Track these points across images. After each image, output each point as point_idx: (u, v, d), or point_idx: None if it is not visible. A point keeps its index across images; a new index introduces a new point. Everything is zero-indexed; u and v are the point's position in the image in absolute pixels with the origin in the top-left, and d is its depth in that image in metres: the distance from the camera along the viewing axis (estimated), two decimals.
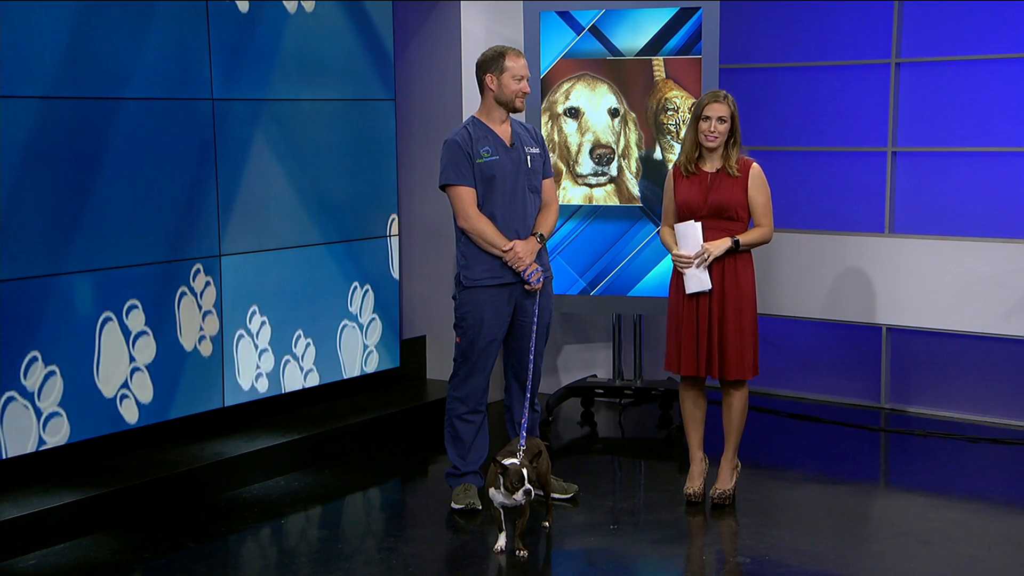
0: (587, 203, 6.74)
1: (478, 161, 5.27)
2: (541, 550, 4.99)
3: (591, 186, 6.74)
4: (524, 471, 4.76)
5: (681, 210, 5.38)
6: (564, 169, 6.73)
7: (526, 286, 5.33)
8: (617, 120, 6.70)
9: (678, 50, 6.60)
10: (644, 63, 6.65)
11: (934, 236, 6.91)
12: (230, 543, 5.17)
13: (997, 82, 6.74)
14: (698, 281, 5.30)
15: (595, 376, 7.41)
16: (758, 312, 5.46)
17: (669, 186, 5.47)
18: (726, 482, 5.48)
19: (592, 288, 6.74)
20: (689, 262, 5.29)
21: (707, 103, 5.29)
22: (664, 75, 6.64)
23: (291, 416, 6.39)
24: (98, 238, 5.36)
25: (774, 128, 7.38)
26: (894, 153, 7.03)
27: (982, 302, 6.74)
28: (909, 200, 7.03)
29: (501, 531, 4.89)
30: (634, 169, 6.71)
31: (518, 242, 5.30)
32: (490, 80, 5.31)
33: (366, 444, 6.40)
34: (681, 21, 6.58)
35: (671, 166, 5.54)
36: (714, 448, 5.58)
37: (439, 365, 7.20)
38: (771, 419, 6.95)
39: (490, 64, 5.31)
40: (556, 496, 5.44)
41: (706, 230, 5.30)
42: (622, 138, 6.71)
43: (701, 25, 6.54)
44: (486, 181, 5.28)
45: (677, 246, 5.35)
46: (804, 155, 7.34)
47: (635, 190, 6.70)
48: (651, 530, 5.19)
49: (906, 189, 7.04)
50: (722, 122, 5.28)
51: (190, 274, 5.77)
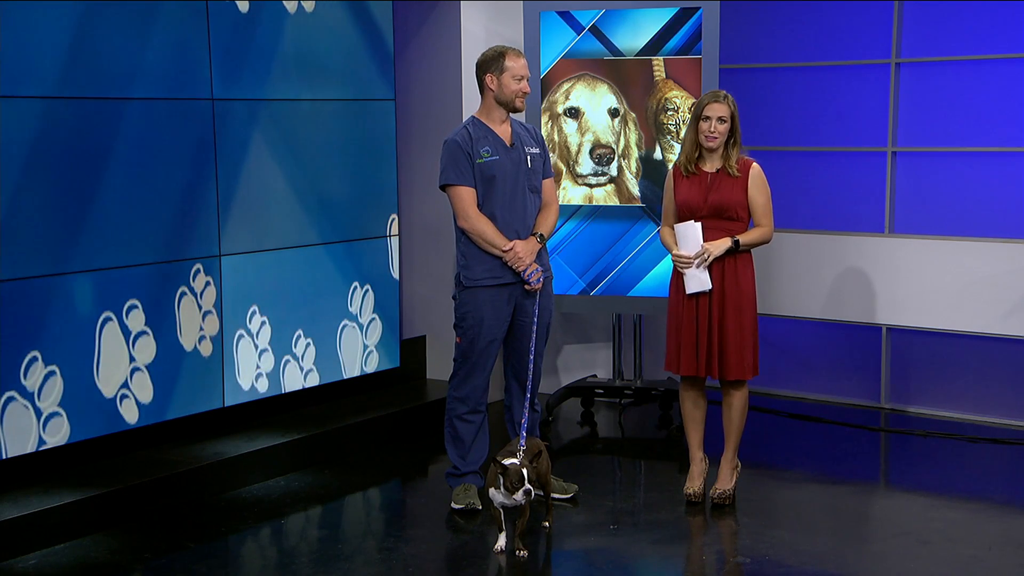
0: (587, 203, 6.74)
1: (478, 161, 5.27)
2: (541, 550, 4.99)
3: (591, 186, 6.74)
4: (524, 471, 4.76)
5: (681, 210, 5.38)
6: (564, 169, 6.73)
7: (526, 286, 5.33)
8: (617, 120, 6.70)
9: (678, 50, 6.60)
10: (644, 63, 6.65)
11: (934, 236, 6.91)
12: (230, 543, 5.17)
13: (997, 82, 6.74)
14: (698, 281, 5.30)
15: (595, 376, 7.41)
16: (758, 312, 5.46)
17: (669, 186, 5.47)
18: (726, 482, 5.48)
19: (592, 288, 6.74)
20: (689, 262, 5.29)
21: (707, 103, 5.29)
22: (664, 75, 6.63)
23: (291, 416, 6.39)
24: (98, 238, 5.36)
25: (774, 128, 7.37)
26: (894, 153, 7.03)
27: (982, 302, 6.74)
28: (909, 200, 7.03)
29: (501, 531, 4.89)
30: (634, 169, 6.71)
31: (518, 242, 5.29)
32: (490, 80, 5.30)
33: (366, 444, 6.40)
34: (681, 21, 6.58)
35: (671, 166, 5.54)
36: (714, 448, 5.58)
37: (439, 365, 7.20)
38: (771, 419, 6.95)
39: (490, 64, 5.31)
40: (556, 496, 5.44)
41: (706, 230, 5.30)
42: (622, 138, 6.70)
43: (701, 25, 6.54)
44: (486, 181, 5.28)
45: (677, 246, 5.35)
46: (804, 155, 7.34)
47: (635, 190, 6.70)
48: (651, 530, 5.19)
49: (906, 189, 7.04)
50: (722, 122, 5.28)
51: (190, 274, 5.76)
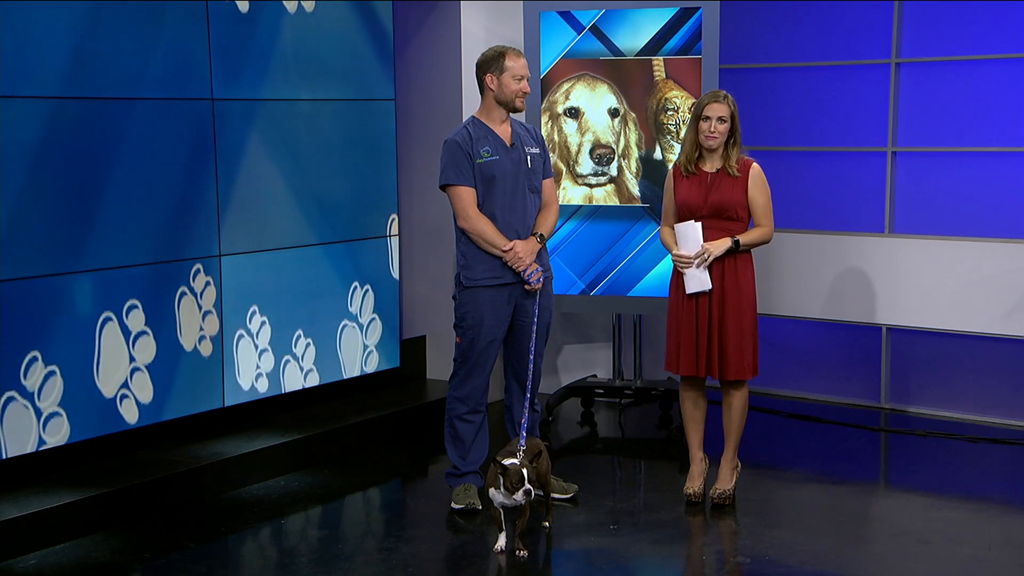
0: (587, 203, 6.74)
1: (478, 161, 5.27)
2: (541, 550, 4.99)
3: (591, 186, 6.74)
4: (524, 471, 4.75)
5: (681, 210, 5.37)
6: (564, 169, 6.73)
7: (526, 286, 5.32)
8: (617, 120, 6.70)
9: (678, 50, 6.60)
10: (644, 63, 6.65)
11: (934, 236, 6.91)
12: (230, 543, 5.17)
13: (997, 82, 6.73)
14: (698, 281, 5.30)
15: (595, 376, 7.41)
16: (758, 312, 5.46)
17: (669, 186, 5.47)
18: (726, 482, 5.48)
19: (592, 288, 6.74)
20: (689, 262, 5.29)
21: (707, 103, 5.29)
22: (664, 75, 6.63)
23: (291, 416, 6.39)
24: (98, 238, 5.36)
25: (774, 128, 7.37)
26: (894, 153, 7.03)
27: (982, 302, 6.74)
28: (909, 200, 7.03)
29: (501, 531, 4.89)
30: (634, 169, 6.71)
31: (518, 242, 5.29)
32: (490, 80, 5.30)
33: (366, 444, 6.40)
34: (681, 21, 6.58)
35: (671, 166, 5.54)
36: (714, 448, 5.57)
37: (439, 365, 7.20)
38: (771, 419, 6.95)
39: (490, 64, 5.31)
40: (556, 496, 5.44)
41: (706, 230, 5.30)
42: (622, 138, 6.70)
43: (701, 25, 6.54)
44: (486, 181, 5.28)
45: (677, 246, 5.35)
46: (804, 155, 7.34)
47: (635, 190, 6.70)
48: (651, 530, 5.19)
49: (906, 189, 7.04)
50: (722, 122, 5.27)
51: (190, 274, 5.76)
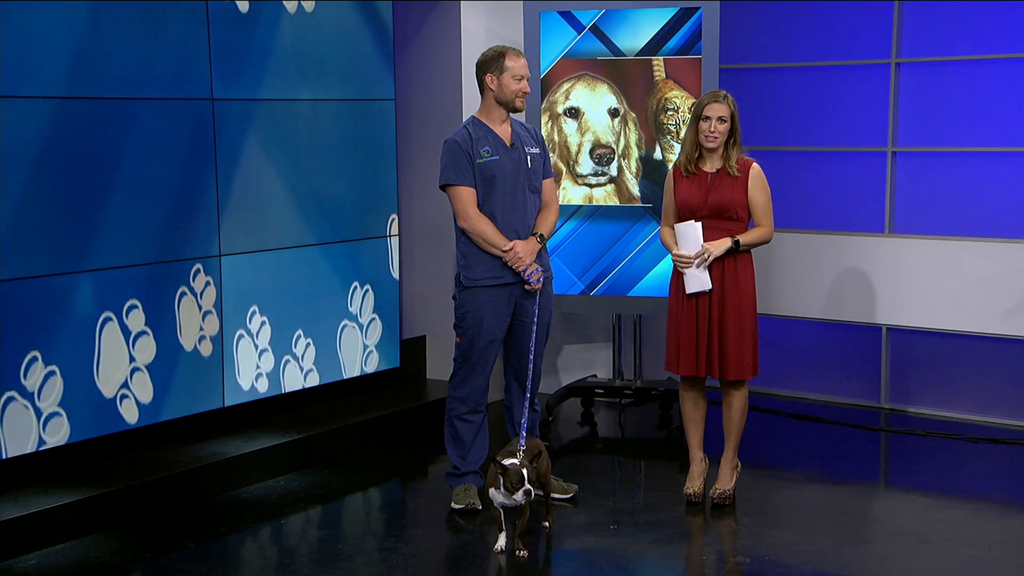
0: (587, 203, 6.74)
1: (478, 161, 5.27)
2: (541, 550, 4.99)
3: (591, 186, 6.74)
4: (524, 471, 4.75)
5: (681, 210, 5.37)
6: (564, 169, 6.73)
7: (526, 286, 5.32)
8: (617, 120, 6.70)
9: (678, 50, 6.60)
10: (644, 63, 6.65)
11: (934, 236, 6.91)
12: (230, 543, 5.17)
13: (997, 82, 6.73)
14: (698, 281, 5.30)
15: (595, 376, 7.41)
16: (758, 312, 5.46)
17: (669, 186, 5.47)
18: (726, 482, 5.48)
19: (592, 288, 6.74)
20: (689, 262, 5.29)
21: (707, 103, 5.29)
22: (664, 75, 6.63)
23: (291, 416, 6.39)
24: (98, 238, 5.36)
25: (774, 128, 7.37)
26: (894, 153, 7.03)
27: (982, 302, 6.74)
28: (909, 200, 7.03)
29: (501, 531, 4.89)
30: (634, 169, 6.71)
31: (518, 242, 5.29)
32: (490, 80, 5.30)
33: (366, 444, 6.40)
34: (681, 21, 6.58)
35: (671, 166, 5.54)
36: (714, 448, 5.57)
37: (439, 365, 7.20)
38: (771, 419, 6.95)
39: (490, 64, 5.31)
40: (556, 496, 5.44)
41: (706, 230, 5.30)
42: (622, 138, 6.70)
43: (701, 25, 6.54)
44: (486, 181, 5.28)
45: (677, 246, 5.35)
46: (804, 155, 7.34)
47: (635, 190, 6.70)
48: (651, 530, 5.19)
49: (906, 189, 7.04)
50: (722, 122, 5.27)
51: (190, 274, 5.76)
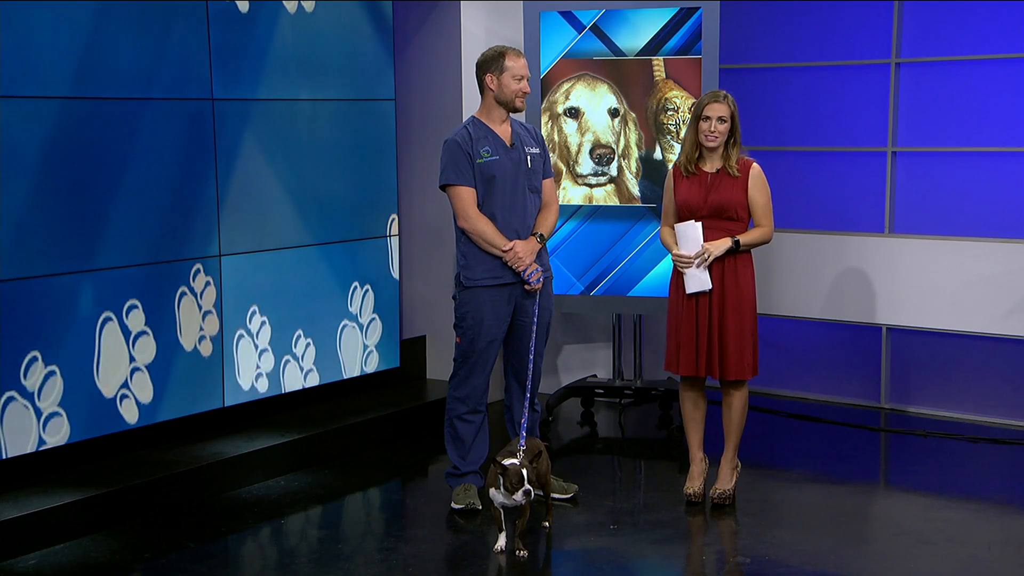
0: (587, 203, 6.74)
1: (478, 161, 5.27)
2: (541, 550, 4.99)
3: (591, 186, 6.74)
4: (524, 471, 4.75)
5: (681, 210, 5.37)
6: (564, 169, 6.73)
7: (526, 286, 5.32)
8: (617, 120, 6.70)
9: (678, 50, 6.60)
10: (644, 63, 6.65)
11: (934, 236, 6.91)
12: (230, 543, 5.17)
13: (997, 82, 6.73)
14: (698, 281, 5.30)
15: (595, 376, 7.41)
16: (758, 312, 5.46)
17: (669, 186, 5.47)
18: (726, 482, 5.48)
19: (592, 288, 6.74)
20: (689, 262, 5.29)
21: (707, 103, 5.29)
22: (664, 75, 6.63)
23: (291, 416, 6.39)
24: (98, 238, 5.36)
25: (774, 128, 7.37)
26: (894, 153, 7.03)
27: (982, 302, 6.74)
28: (909, 200, 7.03)
29: (501, 531, 4.89)
30: (634, 169, 6.71)
31: (518, 242, 5.29)
32: (490, 80, 5.30)
33: (366, 444, 6.40)
34: (681, 21, 6.58)
35: (671, 166, 5.54)
36: (714, 448, 5.57)
37: (439, 365, 7.20)
38: (771, 419, 6.95)
39: (490, 64, 5.31)
40: (556, 496, 5.43)
41: (706, 230, 5.29)
42: (622, 138, 6.70)
43: (701, 25, 6.54)
44: (486, 181, 5.28)
45: (677, 246, 5.35)
46: (804, 155, 7.34)
47: (635, 190, 6.70)
48: (651, 530, 5.19)
49: (906, 189, 7.04)
50: (722, 122, 5.27)
51: (190, 274, 5.76)
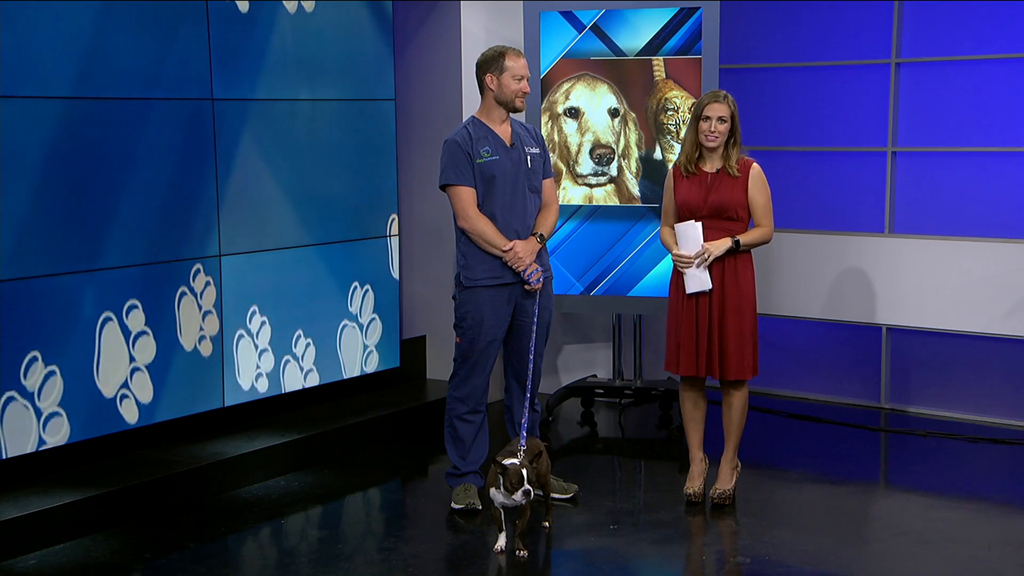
0: (587, 203, 6.73)
1: (478, 161, 5.27)
2: (541, 550, 4.99)
3: (591, 186, 6.74)
4: (524, 471, 4.76)
5: (681, 210, 5.37)
6: (564, 169, 6.73)
7: (526, 286, 5.32)
8: (617, 120, 6.70)
9: (678, 50, 6.60)
10: (644, 63, 6.65)
11: (934, 236, 6.91)
12: (230, 543, 5.17)
13: (997, 82, 6.73)
14: (698, 281, 5.30)
15: (595, 376, 7.41)
16: (758, 312, 5.46)
17: (669, 186, 5.47)
18: (726, 482, 5.48)
19: (592, 288, 6.74)
20: (689, 262, 5.29)
21: (707, 103, 5.29)
22: (664, 75, 6.63)
23: (291, 416, 6.39)
24: (98, 238, 5.36)
25: (774, 128, 7.37)
26: (894, 153, 7.03)
27: (982, 302, 6.74)
28: (909, 200, 7.03)
29: (501, 531, 4.89)
30: (634, 169, 6.71)
31: (518, 242, 5.29)
32: (490, 80, 5.30)
33: (366, 444, 6.40)
34: (681, 21, 6.58)
35: (671, 166, 5.54)
36: (714, 448, 5.57)
37: (439, 365, 7.20)
38: (771, 419, 6.95)
39: (490, 64, 5.31)
40: (556, 496, 5.43)
41: (706, 230, 5.29)
42: (622, 138, 6.70)
43: (701, 25, 6.54)
44: (486, 181, 5.28)
45: (677, 246, 5.35)
46: (804, 155, 7.34)
47: (635, 190, 6.70)
48: (651, 530, 5.19)
49: (906, 189, 7.04)
50: (722, 122, 5.27)
51: (190, 274, 5.76)
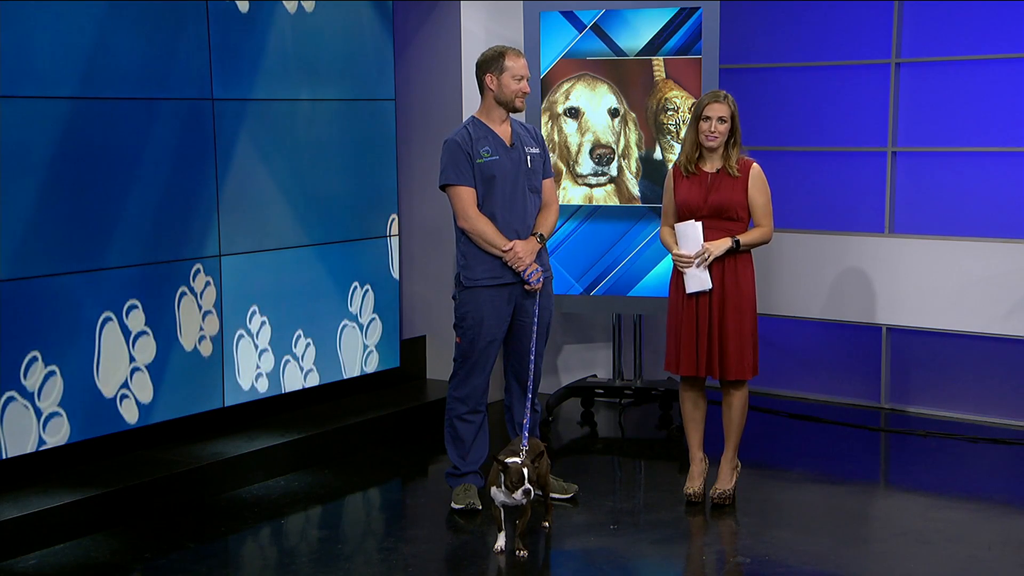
0: (587, 203, 6.73)
1: (478, 161, 5.27)
2: (541, 550, 4.99)
3: (591, 186, 6.74)
4: (525, 470, 4.76)
5: (681, 210, 5.37)
6: (564, 169, 6.73)
7: (526, 286, 5.32)
8: (617, 120, 6.70)
9: (678, 50, 6.60)
10: (644, 63, 6.65)
11: (934, 236, 6.91)
12: (230, 543, 5.17)
13: (997, 82, 6.73)
14: (698, 281, 5.30)
15: (595, 376, 7.41)
16: (758, 312, 5.46)
17: (669, 186, 5.47)
18: (726, 482, 5.48)
19: (592, 288, 6.74)
20: (689, 262, 5.29)
21: (707, 103, 5.29)
22: (664, 75, 6.63)
23: (291, 416, 6.39)
24: (98, 238, 5.36)
25: (774, 128, 7.37)
26: (894, 153, 7.03)
27: (982, 302, 6.74)
28: (909, 200, 7.03)
29: (501, 531, 4.89)
30: (634, 169, 6.71)
31: (518, 242, 5.29)
32: (490, 80, 5.30)
33: (366, 444, 6.40)
34: (681, 21, 6.58)
35: (671, 166, 5.54)
36: (714, 448, 5.57)
37: (439, 365, 7.20)
38: (771, 419, 6.95)
39: (490, 64, 5.31)
40: (556, 496, 5.43)
41: (706, 230, 5.29)
42: (622, 138, 6.70)
43: (701, 25, 6.54)
44: (486, 181, 5.28)
45: (677, 246, 5.35)
46: (804, 155, 7.34)
47: (635, 190, 6.70)
48: (651, 530, 5.19)
49: (906, 189, 7.04)
50: (722, 122, 5.27)
51: (190, 274, 5.76)
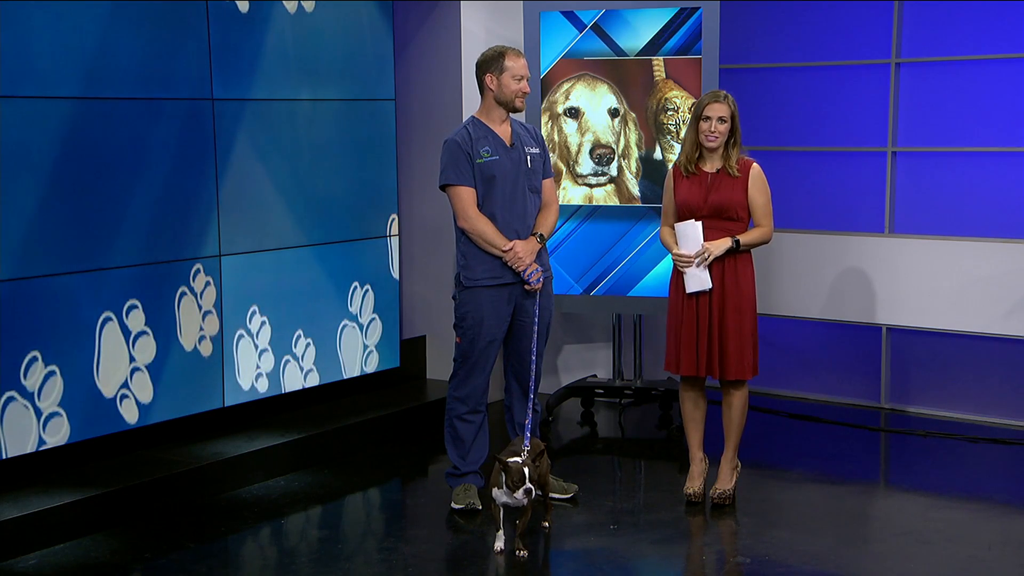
0: (587, 203, 6.74)
1: (478, 161, 5.27)
2: (541, 550, 4.99)
3: (591, 186, 6.74)
4: (526, 469, 4.76)
5: (681, 210, 5.37)
6: (564, 169, 6.73)
7: (526, 286, 5.32)
8: (617, 120, 6.70)
9: (678, 50, 6.60)
10: (644, 63, 6.65)
11: (934, 236, 6.91)
12: (230, 543, 5.17)
13: (997, 82, 6.73)
14: (698, 280, 5.30)
15: (595, 376, 7.41)
16: (758, 312, 5.46)
17: (669, 186, 5.47)
18: (726, 482, 5.48)
19: (592, 288, 6.74)
20: (689, 261, 5.29)
21: (707, 103, 5.29)
22: (664, 75, 6.63)
23: (291, 416, 6.39)
24: (98, 238, 5.36)
25: (774, 128, 7.37)
26: (894, 153, 7.03)
27: (982, 302, 6.74)
28: (909, 200, 7.03)
29: (501, 531, 4.89)
30: (634, 169, 6.71)
31: (518, 242, 5.29)
32: (490, 80, 5.30)
33: (366, 444, 6.40)
34: (681, 21, 6.58)
35: (671, 166, 5.54)
36: (714, 448, 5.57)
37: (439, 365, 7.20)
38: (771, 419, 6.95)
39: (490, 64, 5.31)
40: (556, 496, 5.43)
41: (706, 230, 5.29)
42: (622, 138, 6.70)
43: (701, 25, 6.54)
44: (486, 181, 5.28)
45: (677, 245, 5.35)
46: (804, 155, 7.34)
47: (635, 190, 6.70)
48: (651, 530, 5.19)
49: (906, 189, 7.04)
50: (722, 122, 5.27)
51: (190, 274, 5.76)
